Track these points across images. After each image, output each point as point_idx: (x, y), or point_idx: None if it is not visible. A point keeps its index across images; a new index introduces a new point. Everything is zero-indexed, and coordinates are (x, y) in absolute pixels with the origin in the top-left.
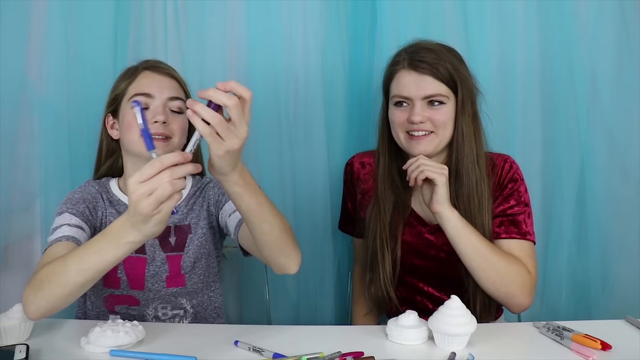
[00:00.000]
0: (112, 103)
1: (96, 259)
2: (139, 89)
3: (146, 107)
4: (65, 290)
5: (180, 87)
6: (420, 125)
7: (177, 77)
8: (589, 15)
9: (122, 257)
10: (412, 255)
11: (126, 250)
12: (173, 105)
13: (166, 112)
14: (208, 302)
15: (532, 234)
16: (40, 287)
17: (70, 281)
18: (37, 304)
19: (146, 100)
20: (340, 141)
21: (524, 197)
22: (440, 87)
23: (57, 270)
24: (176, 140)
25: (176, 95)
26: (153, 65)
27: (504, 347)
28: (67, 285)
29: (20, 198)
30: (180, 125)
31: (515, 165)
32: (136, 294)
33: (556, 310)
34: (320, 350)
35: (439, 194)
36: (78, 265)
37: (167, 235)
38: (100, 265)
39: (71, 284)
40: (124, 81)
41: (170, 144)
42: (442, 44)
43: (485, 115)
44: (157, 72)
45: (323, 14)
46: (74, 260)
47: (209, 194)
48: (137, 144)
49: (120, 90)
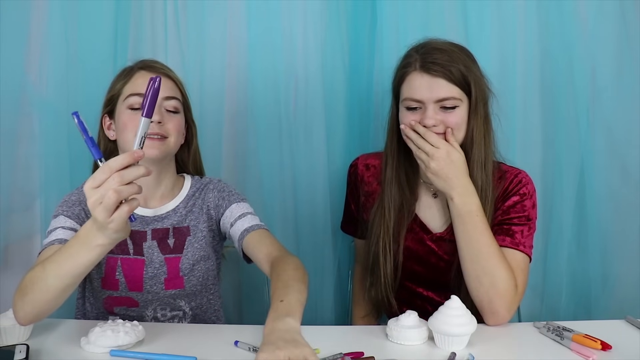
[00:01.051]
0: (108, 104)
1: (71, 263)
2: (133, 89)
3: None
4: (47, 295)
5: (176, 87)
6: (433, 129)
7: (172, 77)
8: (589, 15)
9: (97, 259)
10: (412, 261)
11: (98, 252)
12: (168, 104)
13: (161, 111)
14: (207, 305)
15: (528, 247)
16: (25, 292)
17: (51, 286)
18: (24, 310)
19: (141, 100)
20: (340, 141)
21: (528, 212)
22: (453, 90)
23: (38, 276)
24: (172, 140)
25: (172, 94)
26: (148, 65)
27: (504, 347)
28: (49, 291)
29: (20, 198)
30: (176, 124)
31: (526, 180)
32: (135, 296)
33: (556, 311)
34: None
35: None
36: (55, 270)
37: (166, 237)
38: (77, 269)
39: (52, 289)
40: (120, 81)
41: (167, 144)
42: (453, 43)
43: (496, 118)
44: (152, 71)
45: (323, 14)
46: (52, 266)
47: (208, 197)
48: (133, 144)
49: (116, 91)
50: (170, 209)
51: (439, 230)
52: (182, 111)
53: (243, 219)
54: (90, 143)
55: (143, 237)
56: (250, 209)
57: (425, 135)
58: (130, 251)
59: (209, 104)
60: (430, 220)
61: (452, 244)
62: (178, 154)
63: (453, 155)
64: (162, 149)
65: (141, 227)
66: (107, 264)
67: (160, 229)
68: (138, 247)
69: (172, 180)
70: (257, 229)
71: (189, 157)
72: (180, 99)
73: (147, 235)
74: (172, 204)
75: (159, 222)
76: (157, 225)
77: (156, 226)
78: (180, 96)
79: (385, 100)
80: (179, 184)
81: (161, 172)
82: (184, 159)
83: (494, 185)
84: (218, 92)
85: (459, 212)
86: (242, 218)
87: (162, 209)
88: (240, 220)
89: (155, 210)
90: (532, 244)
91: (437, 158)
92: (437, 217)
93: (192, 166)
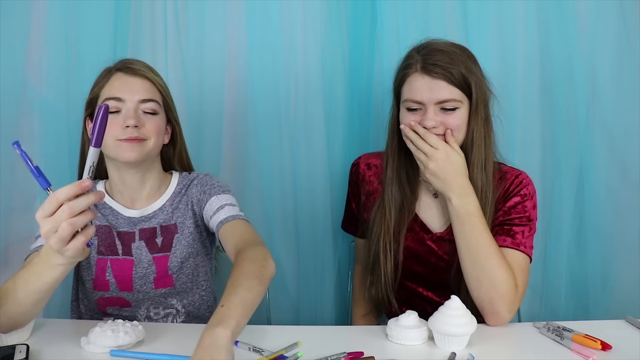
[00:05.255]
0: (89, 106)
1: (36, 280)
2: (110, 93)
3: (118, 111)
4: (19, 309)
5: (155, 88)
6: (433, 130)
7: (150, 78)
8: (589, 15)
9: (60, 277)
10: (412, 261)
11: (61, 271)
12: (146, 107)
13: (137, 115)
14: (200, 302)
15: (529, 247)
16: (0, 304)
17: (21, 301)
18: (0, 320)
19: (117, 104)
20: (340, 141)
21: (529, 213)
22: (454, 92)
23: (10, 290)
24: (151, 143)
25: (149, 97)
26: (126, 66)
27: (504, 347)
28: (19, 304)
29: (20, 198)
30: (155, 126)
31: (527, 181)
32: (126, 296)
33: (556, 311)
34: (319, 350)
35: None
36: (23, 286)
37: (154, 236)
38: (42, 286)
39: (22, 303)
40: (98, 84)
41: (145, 146)
42: (455, 44)
43: (496, 119)
44: (129, 73)
45: (323, 14)
46: (20, 282)
47: (192, 193)
48: (112, 148)
49: (95, 94)
50: (157, 207)
51: (439, 230)
52: (163, 112)
53: (221, 211)
54: (36, 173)
55: (131, 237)
56: (230, 200)
57: (425, 136)
58: (119, 252)
59: (209, 104)
60: (430, 220)
61: (452, 244)
62: (164, 153)
63: (452, 156)
64: (141, 151)
65: (129, 227)
66: (97, 265)
67: (148, 229)
68: (127, 248)
69: (158, 180)
70: (231, 220)
71: (174, 156)
72: (160, 100)
73: (135, 236)
74: (158, 202)
75: (147, 222)
76: (145, 225)
77: (144, 226)
78: (160, 97)
79: (385, 101)
80: (166, 182)
81: (145, 173)
82: (170, 158)
83: (494, 186)
84: (218, 92)
85: (458, 213)
86: (220, 210)
87: (149, 208)
88: (218, 212)
89: (142, 210)
90: (533, 245)
91: (436, 159)
92: (437, 217)
93: (178, 165)
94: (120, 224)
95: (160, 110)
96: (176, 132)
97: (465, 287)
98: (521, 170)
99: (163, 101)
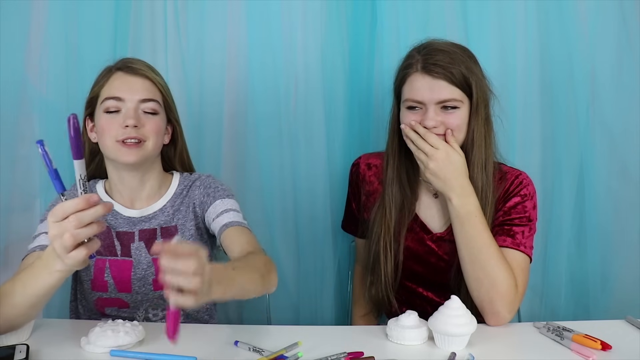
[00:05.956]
0: (89, 106)
1: (34, 284)
2: (109, 93)
3: (117, 111)
4: (16, 311)
5: (155, 87)
6: (433, 130)
7: (151, 77)
8: (589, 15)
9: (57, 284)
10: (412, 261)
11: (58, 277)
12: (146, 107)
13: (137, 115)
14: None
15: (529, 248)
16: None
17: (18, 304)
18: None
19: (117, 104)
20: (340, 141)
21: (529, 213)
22: (454, 92)
23: (8, 292)
24: (150, 144)
25: (149, 97)
26: (127, 66)
27: (504, 347)
28: (16, 307)
29: (20, 198)
30: (154, 127)
31: (527, 181)
32: (124, 297)
33: (556, 310)
34: (319, 350)
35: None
36: (21, 289)
37: (154, 238)
38: (39, 290)
39: (19, 306)
40: (98, 83)
41: (144, 148)
42: (455, 44)
43: (497, 119)
44: (129, 73)
45: (323, 14)
46: (18, 285)
47: (194, 194)
48: (111, 150)
49: (95, 93)
50: (158, 208)
51: (439, 230)
52: (163, 112)
53: (225, 214)
54: (54, 175)
55: (131, 238)
56: (234, 206)
57: (425, 136)
58: (118, 252)
59: (209, 104)
60: (430, 221)
61: (452, 244)
62: (165, 154)
63: (452, 156)
64: (140, 154)
65: (128, 228)
66: (96, 266)
67: (148, 230)
68: (126, 249)
69: (158, 180)
70: (237, 225)
71: (175, 156)
72: (160, 100)
73: (135, 237)
74: (159, 203)
75: (147, 223)
76: (145, 225)
77: (143, 227)
78: (160, 97)
79: (385, 101)
80: (167, 183)
81: (145, 174)
82: (170, 158)
83: (494, 186)
84: (218, 92)
85: (458, 213)
86: (225, 213)
87: (149, 209)
88: (222, 215)
89: (141, 211)
90: (533, 245)
91: (436, 159)
92: (438, 217)
93: (179, 165)
94: (119, 224)
95: (161, 110)
96: (177, 132)
97: (465, 287)
98: (521, 171)
99: (163, 101)
